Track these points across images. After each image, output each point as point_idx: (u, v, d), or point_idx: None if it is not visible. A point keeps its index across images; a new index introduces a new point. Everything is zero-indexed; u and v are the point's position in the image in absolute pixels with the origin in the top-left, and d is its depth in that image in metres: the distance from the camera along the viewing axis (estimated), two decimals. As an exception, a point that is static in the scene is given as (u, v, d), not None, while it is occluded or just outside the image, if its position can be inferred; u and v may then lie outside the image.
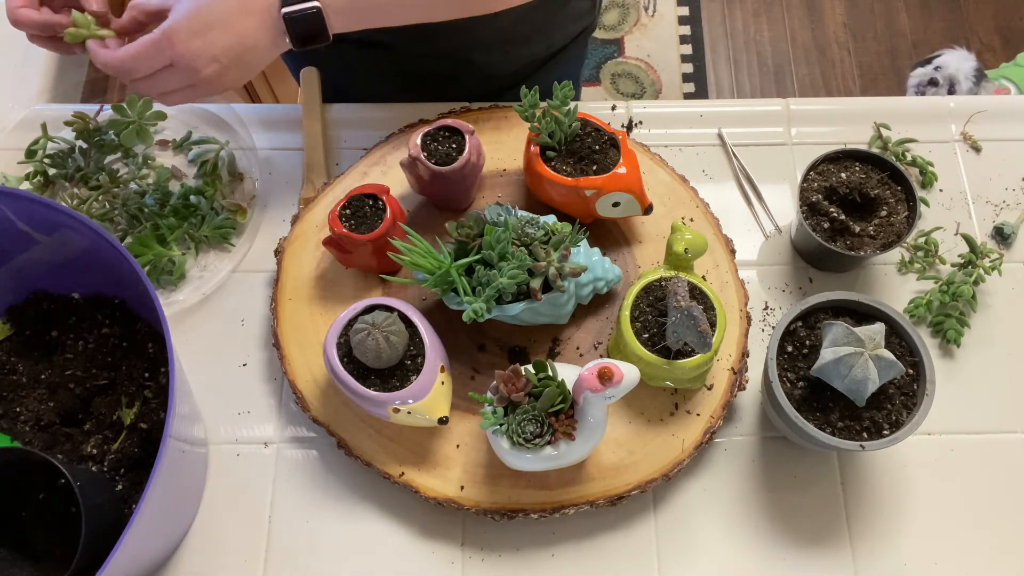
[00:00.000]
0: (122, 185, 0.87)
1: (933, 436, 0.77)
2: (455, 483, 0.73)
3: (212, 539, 0.74)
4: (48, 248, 0.72)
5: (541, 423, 0.65)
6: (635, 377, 0.62)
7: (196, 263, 0.84)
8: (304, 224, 0.83)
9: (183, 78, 0.68)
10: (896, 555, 0.73)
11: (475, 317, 0.67)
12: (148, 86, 0.69)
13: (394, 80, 0.97)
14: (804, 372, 0.70)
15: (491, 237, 0.68)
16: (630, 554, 0.73)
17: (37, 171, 0.87)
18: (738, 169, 0.89)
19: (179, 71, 0.68)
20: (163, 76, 0.68)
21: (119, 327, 0.78)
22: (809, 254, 0.84)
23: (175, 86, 0.69)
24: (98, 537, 0.62)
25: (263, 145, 0.90)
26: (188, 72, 0.68)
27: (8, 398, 0.74)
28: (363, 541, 0.74)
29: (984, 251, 0.83)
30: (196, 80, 0.69)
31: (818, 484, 0.76)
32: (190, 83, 0.69)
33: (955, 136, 0.91)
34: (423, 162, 0.75)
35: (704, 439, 0.74)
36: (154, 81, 0.69)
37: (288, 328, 0.78)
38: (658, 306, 0.72)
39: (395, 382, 0.68)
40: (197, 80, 0.69)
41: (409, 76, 0.96)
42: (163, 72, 0.68)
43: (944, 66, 1.87)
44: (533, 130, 0.76)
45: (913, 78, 1.94)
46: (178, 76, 0.68)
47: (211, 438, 0.77)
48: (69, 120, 0.89)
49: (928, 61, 1.93)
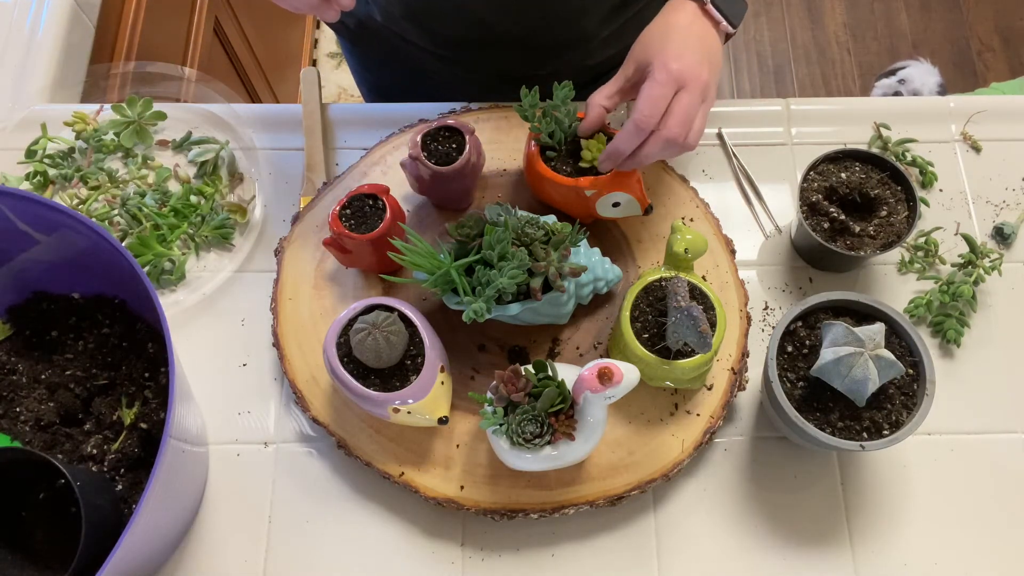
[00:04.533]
0: (122, 185, 0.87)
1: (933, 436, 0.77)
2: (455, 483, 0.73)
3: (212, 539, 0.74)
4: (48, 248, 0.72)
5: (541, 423, 0.65)
6: (635, 377, 0.62)
7: (196, 263, 0.84)
8: (304, 224, 0.83)
9: (694, 97, 0.70)
10: (896, 555, 0.73)
11: (475, 317, 0.67)
12: (678, 125, 0.70)
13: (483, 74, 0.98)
14: (804, 372, 0.70)
15: (491, 237, 0.68)
16: (630, 554, 0.73)
17: (37, 171, 0.87)
18: (738, 169, 0.89)
19: (688, 92, 0.70)
20: (681, 105, 0.70)
21: (119, 327, 0.78)
22: (809, 254, 0.84)
23: (695, 107, 0.71)
24: (98, 537, 0.62)
25: (263, 145, 0.90)
26: (696, 86, 0.70)
27: (8, 398, 0.74)
28: (363, 541, 0.74)
29: (984, 251, 0.83)
30: (705, 90, 0.71)
31: (818, 484, 0.76)
32: (702, 97, 0.71)
33: (955, 136, 0.91)
34: (423, 162, 0.75)
35: (704, 439, 0.74)
36: (677, 114, 0.70)
37: (288, 328, 0.78)
38: (658, 306, 0.72)
39: (395, 382, 0.68)
40: (705, 90, 0.71)
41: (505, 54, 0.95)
42: (675, 103, 0.70)
43: (908, 79, 1.87)
44: (533, 130, 0.76)
45: (877, 89, 1.93)
46: (688, 97, 0.70)
47: (211, 438, 0.77)
48: (69, 120, 0.89)
49: (893, 72, 1.93)
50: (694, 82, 0.70)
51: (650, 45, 0.72)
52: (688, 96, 0.70)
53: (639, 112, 0.69)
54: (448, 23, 0.88)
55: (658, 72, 0.69)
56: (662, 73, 0.69)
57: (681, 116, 0.70)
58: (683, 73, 0.69)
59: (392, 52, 0.98)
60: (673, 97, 0.70)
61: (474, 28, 0.87)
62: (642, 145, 0.71)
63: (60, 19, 0.99)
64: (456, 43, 0.91)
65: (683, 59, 0.70)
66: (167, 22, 1.31)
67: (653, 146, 0.70)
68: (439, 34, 0.91)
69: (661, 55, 0.70)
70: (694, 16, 0.73)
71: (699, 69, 0.70)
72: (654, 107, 0.69)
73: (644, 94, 0.69)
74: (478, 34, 0.88)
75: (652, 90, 0.69)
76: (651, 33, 0.73)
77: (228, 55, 1.59)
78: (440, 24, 0.89)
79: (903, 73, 1.89)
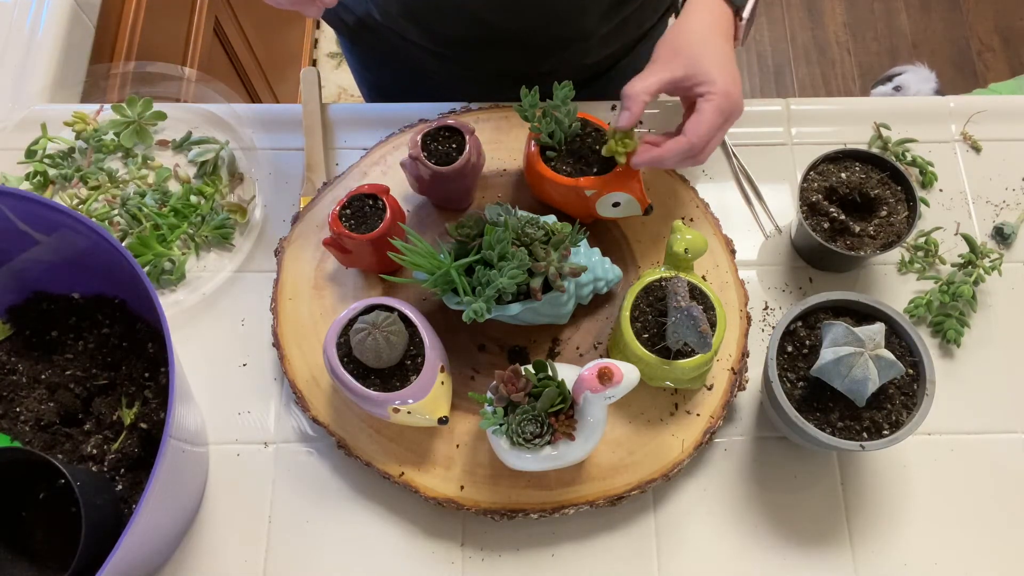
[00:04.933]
0: (122, 185, 0.87)
1: (933, 436, 0.77)
2: (455, 483, 0.73)
3: (212, 539, 0.74)
4: (48, 248, 0.72)
5: (541, 423, 0.65)
6: (635, 377, 0.62)
7: (196, 263, 0.84)
8: (304, 224, 0.83)
9: (732, 122, 0.73)
10: (896, 555, 0.73)
11: (475, 317, 0.67)
12: (710, 151, 0.73)
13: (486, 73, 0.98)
14: (804, 372, 0.70)
15: (491, 237, 0.67)
16: (630, 554, 0.73)
17: (37, 171, 0.87)
18: (738, 169, 0.89)
19: (731, 123, 0.73)
20: (721, 134, 0.73)
21: (119, 327, 0.78)
22: (809, 254, 0.84)
23: (725, 131, 0.73)
24: (98, 537, 0.62)
25: (263, 145, 0.90)
26: (737, 117, 0.73)
27: (8, 398, 0.74)
28: (363, 541, 0.74)
29: (984, 251, 0.83)
30: (739, 116, 0.73)
31: (818, 484, 0.76)
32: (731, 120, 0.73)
33: (955, 136, 0.91)
34: (423, 162, 0.75)
35: (704, 439, 0.74)
36: (715, 143, 0.73)
37: (288, 328, 0.78)
38: (658, 306, 0.72)
39: (395, 382, 0.68)
40: (740, 115, 0.73)
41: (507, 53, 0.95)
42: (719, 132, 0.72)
43: (904, 86, 1.87)
44: (533, 130, 0.76)
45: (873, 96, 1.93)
46: (729, 127, 0.73)
47: (211, 438, 0.77)
48: (69, 120, 0.89)
49: (889, 79, 1.93)
50: (738, 112, 0.72)
51: (700, 56, 0.71)
52: (730, 125, 0.73)
53: (698, 136, 0.70)
54: (446, 21, 0.88)
55: (720, 98, 0.70)
56: (724, 100, 0.70)
57: (717, 143, 0.73)
58: (737, 103, 0.72)
59: (391, 51, 0.98)
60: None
61: (472, 26, 0.87)
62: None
63: (60, 19, 0.99)
64: (454, 41, 0.91)
65: (735, 84, 0.71)
66: (167, 22, 1.31)
67: (678, 160, 0.72)
68: (437, 32, 0.91)
69: (718, 73, 0.71)
70: (727, 27, 0.74)
71: (741, 98, 0.72)
72: (711, 136, 0.71)
73: (706, 120, 0.70)
74: (476, 32, 0.88)
75: (713, 119, 0.70)
76: (691, 35, 0.73)
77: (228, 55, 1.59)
78: (438, 22, 0.89)
79: (899, 80, 1.89)
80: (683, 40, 0.73)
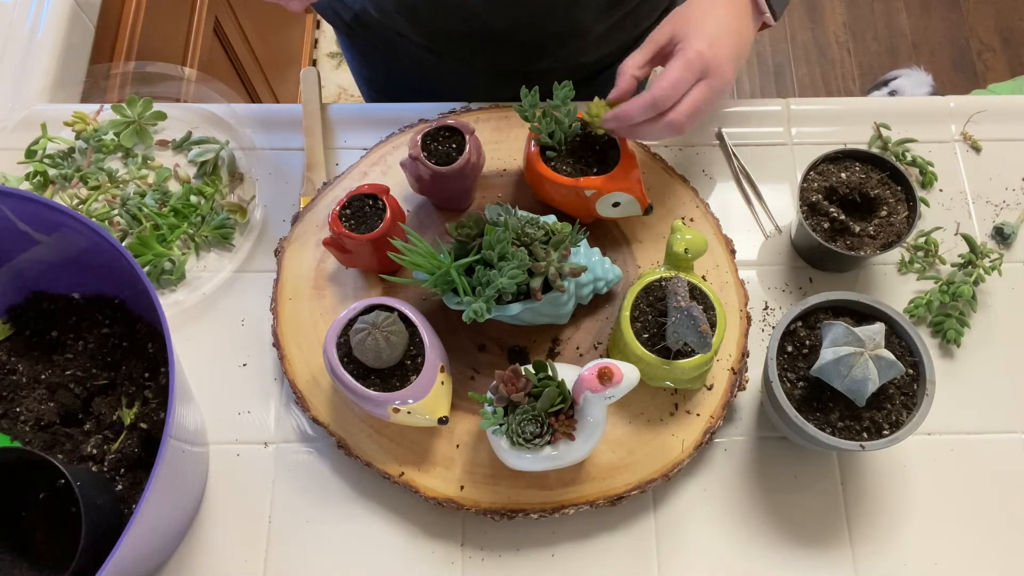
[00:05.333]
0: (122, 185, 0.87)
1: (933, 436, 0.77)
2: (455, 483, 0.73)
3: (212, 539, 0.74)
4: (48, 248, 0.72)
5: (541, 423, 0.65)
6: (635, 377, 0.62)
7: (196, 263, 0.85)
8: (304, 224, 0.83)
9: (712, 91, 0.70)
10: (896, 555, 0.73)
11: (475, 317, 0.67)
12: (686, 114, 0.69)
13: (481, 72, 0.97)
14: (804, 372, 0.70)
15: (491, 237, 0.68)
16: (630, 554, 0.73)
17: (37, 171, 0.87)
18: (738, 169, 0.89)
19: (708, 83, 0.69)
20: (698, 95, 0.70)
21: (119, 327, 0.78)
22: (809, 254, 0.84)
23: (709, 102, 0.70)
24: (98, 537, 0.62)
25: (263, 145, 0.90)
26: (717, 80, 0.69)
27: (8, 398, 0.74)
28: (363, 541, 0.74)
29: (984, 251, 0.83)
30: (724, 87, 0.70)
31: (818, 484, 0.76)
32: (718, 93, 0.70)
33: (955, 136, 0.91)
34: (423, 162, 0.75)
35: (704, 439, 0.74)
36: (689, 103, 0.70)
37: (288, 328, 0.78)
38: (658, 306, 0.72)
39: (395, 382, 0.68)
40: (724, 86, 0.70)
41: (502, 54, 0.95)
42: (694, 90, 0.69)
43: (899, 90, 1.87)
44: (533, 130, 0.76)
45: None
46: (707, 89, 0.69)
47: (211, 438, 0.77)
48: (69, 120, 0.89)
49: (884, 83, 1.93)
50: (717, 76, 0.69)
51: (689, 19, 0.70)
52: (707, 88, 0.69)
53: (660, 88, 0.68)
54: (441, 16, 0.88)
55: (690, 52, 0.68)
56: (693, 54, 0.68)
57: (693, 106, 0.69)
58: (712, 63, 0.68)
59: (388, 47, 0.98)
60: (694, 84, 0.69)
61: (467, 21, 0.87)
62: (645, 120, 0.70)
63: (60, 19, 0.99)
64: (450, 36, 0.92)
65: (716, 48, 0.69)
66: (167, 22, 1.31)
67: (654, 125, 0.70)
68: (432, 27, 0.91)
69: (698, 35, 0.69)
70: (745, 8, 0.72)
71: (728, 65, 0.69)
72: (675, 88, 0.68)
73: (670, 72, 0.68)
74: (471, 27, 0.88)
75: (678, 71, 0.68)
76: (692, 7, 0.72)
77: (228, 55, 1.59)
78: (433, 17, 0.89)
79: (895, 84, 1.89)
80: (681, 10, 0.72)
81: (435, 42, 0.93)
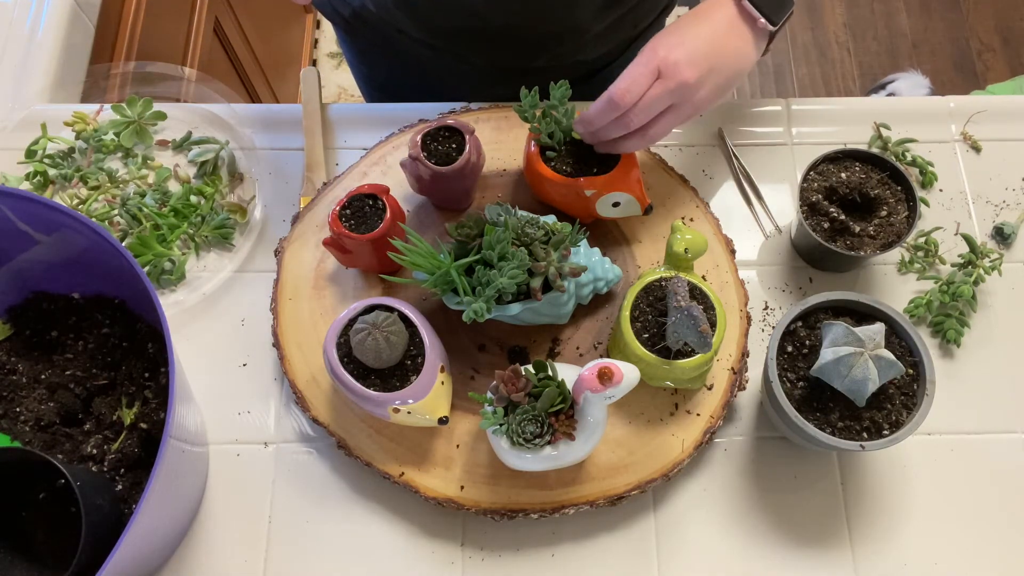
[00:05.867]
0: (122, 185, 0.87)
1: (933, 436, 0.77)
2: (455, 483, 0.73)
3: (212, 539, 0.74)
4: (48, 248, 0.72)
5: (541, 423, 0.65)
6: (635, 377, 0.62)
7: (196, 263, 0.85)
8: (304, 224, 0.83)
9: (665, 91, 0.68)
10: (896, 555, 0.73)
11: (475, 317, 0.67)
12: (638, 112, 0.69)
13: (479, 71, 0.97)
14: (804, 372, 0.70)
15: (491, 237, 0.68)
16: (630, 554, 0.73)
17: (37, 171, 0.87)
18: (738, 169, 0.89)
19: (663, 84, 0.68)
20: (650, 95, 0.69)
21: (119, 327, 0.78)
22: (809, 254, 0.84)
23: (662, 102, 0.69)
24: (98, 537, 0.62)
25: (263, 145, 0.90)
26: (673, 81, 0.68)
27: (8, 398, 0.74)
28: (363, 541, 0.74)
29: (984, 251, 0.83)
30: (683, 90, 0.68)
31: (818, 484, 0.76)
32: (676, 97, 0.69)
33: (955, 136, 0.91)
34: (423, 162, 0.75)
35: (704, 439, 0.74)
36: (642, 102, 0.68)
37: (288, 328, 0.78)
38: (658, 306, 0.72)
39: (395, 382, 0.68)
40: (683, 89, 0.68)
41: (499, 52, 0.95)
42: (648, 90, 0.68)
43: (897, 92, 1.87)
44: (533, 130, 0.76)
45: None
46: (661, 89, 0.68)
47: (211, 438, 0.77)
48: (69, 120, 0.89)
49: (882, 87, 1.93)
50: (673, 77, 0.68)
51: (663, 31, 0.71)
52: (661, 88, 0.68)
53: (615, 86, 0.68)
54: (439, 12, 0.88)
55: (644, 54, 0.69)
56: (647, 55, 0.68)
57: (644, 105, 0.69)
58: (666, 63, 0.68)
59: (386, 43, 0.98)
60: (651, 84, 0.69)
61: (465, 17, 0.87)
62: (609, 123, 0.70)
63: (60, 19, 0.99)
64: (448, 33, 0.92)
65: (674, 51, 0.68)
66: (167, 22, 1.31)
67: (612, 126, 0.70)
68: (431, 23, 0.91)
69: (660, 39, 0.69)
70: (728, 18, 0.71)
71: (687, 67, 0.68)
72: (631, 85, 0.68)
73: (627, 73, 0.69)
74: (469, 23, 0.88)
75: (632, 69, 0.68)
76: (680, 21, 0.72)
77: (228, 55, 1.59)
78: (431, 13, 0.89)
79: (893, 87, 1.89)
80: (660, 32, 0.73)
81: (433, 38, 0.93)
